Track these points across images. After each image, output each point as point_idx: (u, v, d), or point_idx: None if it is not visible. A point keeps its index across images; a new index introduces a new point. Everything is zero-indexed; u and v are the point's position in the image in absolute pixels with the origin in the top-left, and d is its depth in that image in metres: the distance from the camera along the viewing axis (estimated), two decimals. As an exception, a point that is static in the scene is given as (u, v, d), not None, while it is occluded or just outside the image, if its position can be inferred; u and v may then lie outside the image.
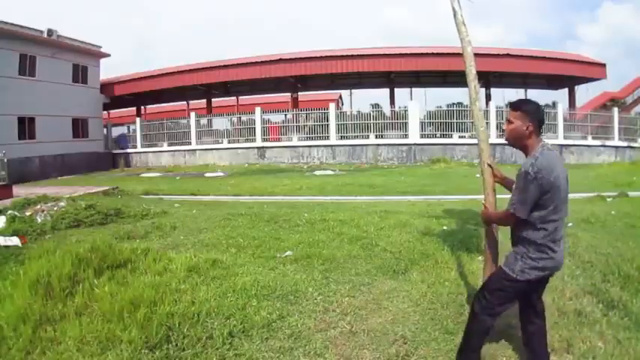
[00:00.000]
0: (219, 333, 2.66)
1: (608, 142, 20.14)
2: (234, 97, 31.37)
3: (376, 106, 25.35)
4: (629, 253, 4.16)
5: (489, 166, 2.63)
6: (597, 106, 26.48)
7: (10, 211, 6.55)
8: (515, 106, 2.19)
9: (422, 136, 19.93)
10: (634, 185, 10.40)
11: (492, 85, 25.15)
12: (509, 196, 2.38)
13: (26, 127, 18.51)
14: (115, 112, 33.06)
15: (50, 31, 19.53)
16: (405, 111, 20.28)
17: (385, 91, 25.86)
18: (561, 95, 26.50)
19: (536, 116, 2.11)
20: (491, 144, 3.25)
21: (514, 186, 2.11)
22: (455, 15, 2.87)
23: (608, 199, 8.19)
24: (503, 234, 2.60)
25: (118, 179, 15.99)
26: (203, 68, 23.65)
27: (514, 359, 2.48)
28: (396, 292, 3.36)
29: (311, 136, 21.09)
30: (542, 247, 2.06)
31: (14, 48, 17.93)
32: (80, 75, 21.69)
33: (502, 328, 2.63)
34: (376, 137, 20.24)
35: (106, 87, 23.94)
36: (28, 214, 6.52)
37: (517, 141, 2.17)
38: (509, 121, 2.18)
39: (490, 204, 2.60)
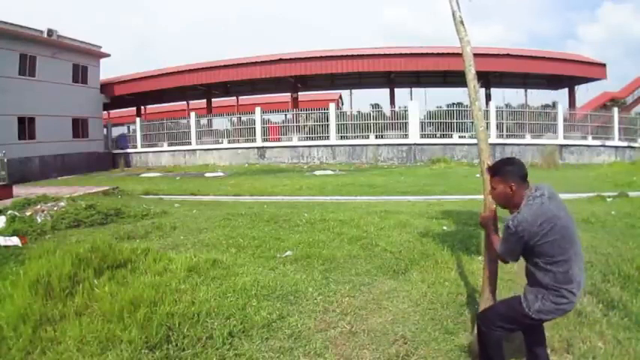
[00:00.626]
0: (219, 333, 2.66)
1: (608, 142, 20.14)
2: (234, 97, 31.37)
3: (376, 106, 25.38)
4: (629, 253, 4.16)
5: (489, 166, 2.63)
6: (597, 106, 26.48)
7: (10, 211, 6.54)
8: (493, 172, 2.21)
9: (422, 136, 19.93)
10: (634, 185, 10.40)
11: (492, 85, 25.17)
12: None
13: (26, 127, 18.51)
14: (115, 112, 33.05)
15: (50, 31, 19.53)
16: (405, 111, 20.29)
17: (385, 91, 25.90)
18: (561, 95, 26.54)
19: (514, 174, 2.11)
20: (491, 144, 3.25)
21: (502, 235, 2.14)
22: (453, 15, 2.87)
23: (608, 199, 8.18)
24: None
25: (117, 179, 15.99)
26: (203, 68, 23.66)
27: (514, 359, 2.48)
28: (396, 292, 3.36)
29: (311, 136, 21.09)
30: (560, 291, 1.99)
31: (14, 48, 17.93)
32: (80, 75, 21.69)
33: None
34: (376, 137, 20.24)
35: (106, 87, 23.95)
36: (28, 214, 6.52)
37: (505, 202, 2.17)
38: (492, 188, 2.21)
39: (489, 203, 2.59)
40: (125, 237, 5.26)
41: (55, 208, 6.70)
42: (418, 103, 21.32)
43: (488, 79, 23.24)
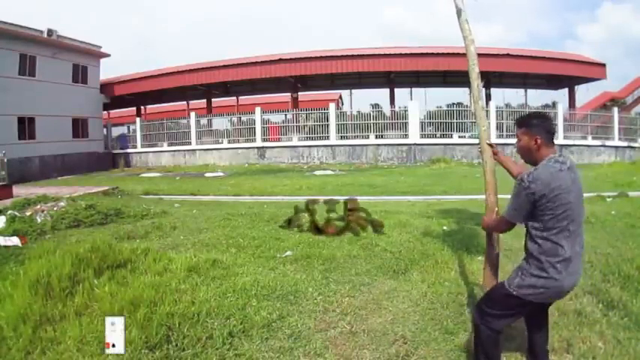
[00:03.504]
0: (219, 333, 2.66)
1: (608, 142, 20.15)
2: (234, 97, 31.37)
3: (376, 106, 25.46)
4: (629, 253, 4.16)
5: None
6: (597, 106, 26.49)
7: (10, 211, 6.54)
8: (519, 122, 2.16)
9: (422, 136, 19.94)
10: (634, 185, 10.39)
11: (492, 85, 25.19)
12: (509, 196, 2.38)
13: (26, 127, 18.50)
14: (115, 112, 33.05)
15: (50, 31, 19.52)
16: (405, 111, 20.29)
17: (385, 91, 25.91)
18: (561, 95, 26.50)
19: (542, 128, 2.07)
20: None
21: (512, 191, 2.07)
22: (459, 13, 2.86)
23: (608, 199, 8.17)
24: (505, 234, 2.59)
25: (118, 179, 15.99)
26: (203, 68, 23.65)
27: (514, 359, 2.48)
28: (396, 292, 3.36)
29: (311, 136, 21.09)
30: (543, 264, 1.96)
31: (14, 48, 17.92)
32: (80, 75, 21.68)
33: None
34: (376, 137, 20.24)
35: (106, 87, 23.94)
36: (28, 214, 6.51)
37: (528, 156, 2.12)
38: (517, 139, 2.16)
39: (491, 204, 2.59)
40: (125, 237, 5.26)
41: (55, 208, 6.69)
42: (418, 103, 21.37)
43: (489, 79, 23.23)
